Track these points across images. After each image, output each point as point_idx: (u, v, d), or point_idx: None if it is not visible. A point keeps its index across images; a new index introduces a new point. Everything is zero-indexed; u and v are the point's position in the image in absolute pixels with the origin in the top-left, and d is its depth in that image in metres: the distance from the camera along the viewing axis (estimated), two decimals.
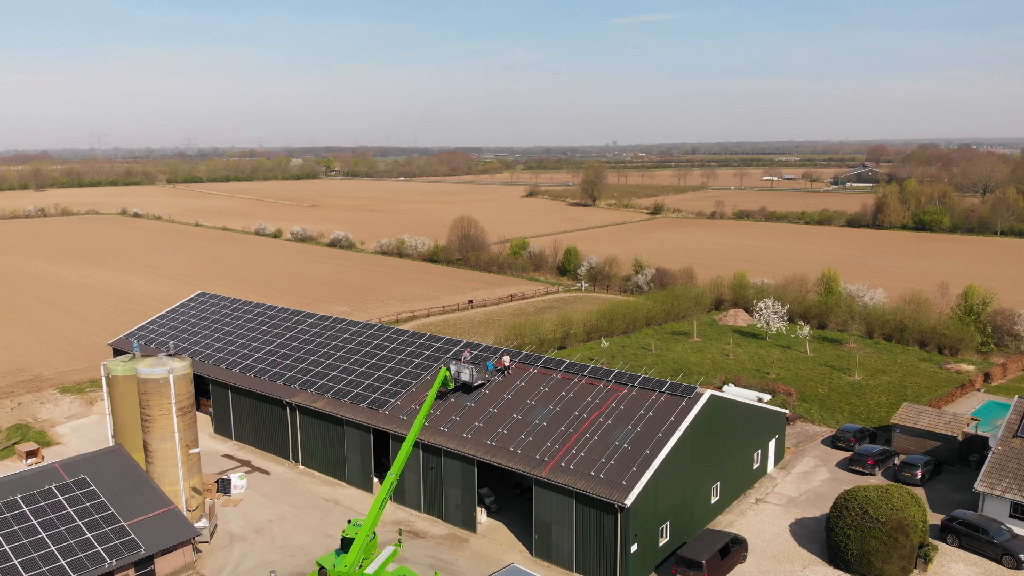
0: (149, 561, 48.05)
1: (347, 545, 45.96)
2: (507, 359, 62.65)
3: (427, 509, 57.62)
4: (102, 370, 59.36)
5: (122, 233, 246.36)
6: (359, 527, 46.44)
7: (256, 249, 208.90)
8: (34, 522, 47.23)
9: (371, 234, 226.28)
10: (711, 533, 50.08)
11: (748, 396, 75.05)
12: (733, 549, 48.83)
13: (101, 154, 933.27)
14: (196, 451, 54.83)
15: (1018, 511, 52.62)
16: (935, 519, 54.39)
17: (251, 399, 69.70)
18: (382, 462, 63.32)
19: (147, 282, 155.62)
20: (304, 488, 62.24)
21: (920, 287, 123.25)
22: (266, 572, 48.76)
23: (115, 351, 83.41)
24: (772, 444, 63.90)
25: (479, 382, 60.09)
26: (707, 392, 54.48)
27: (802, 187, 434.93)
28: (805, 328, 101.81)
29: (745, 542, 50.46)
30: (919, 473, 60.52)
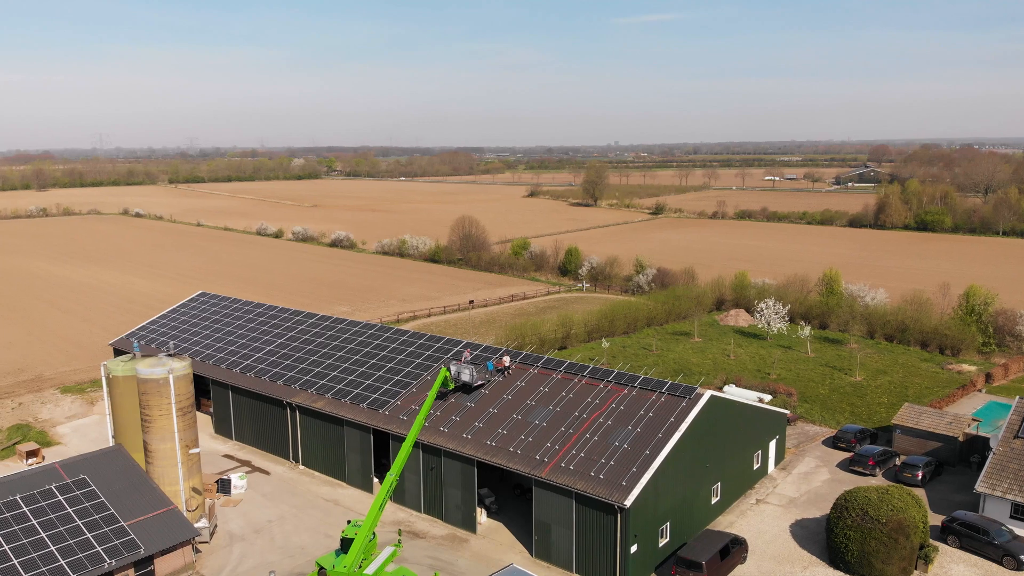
0: (149, 561, 48.08)
1: (347, 545, 45.94)
2: (507, 359, 62.63)
3: (427, 509, 57.61)
4: (102, 370, 59.41)
5: (124, 233, 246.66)
6: (359, 527, 46.45)
7: (257, 249, 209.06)
8: (34, 522, 47.25)
9: (372, 234, 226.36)
10: (711, 534, 50.03)
11: (749, 396, 74.99)
12: (733, 550, 48.79)
13: (103, 154, 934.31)
14: (196, 451, 54.86)
15: (1019, 512, 52.51)
16: (936, 520, 54.31)
17: (251, 399, 69.73)
18: (382, 462, 63.30)
19: (148, 282, 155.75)
20: (304, 488, 62.25)
21: (922, 287, 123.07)
22: (266, 572, 48.76)
23: (116, 351, 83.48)
24: (773, 445, 63.84)
25: (479, 382, 60.07)
26: (707, 393, 54.43)
27: (804, 187, 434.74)
28: (806, 328, 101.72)
29: (745, 543, 50.41)
30: (920, 474, 60.42)
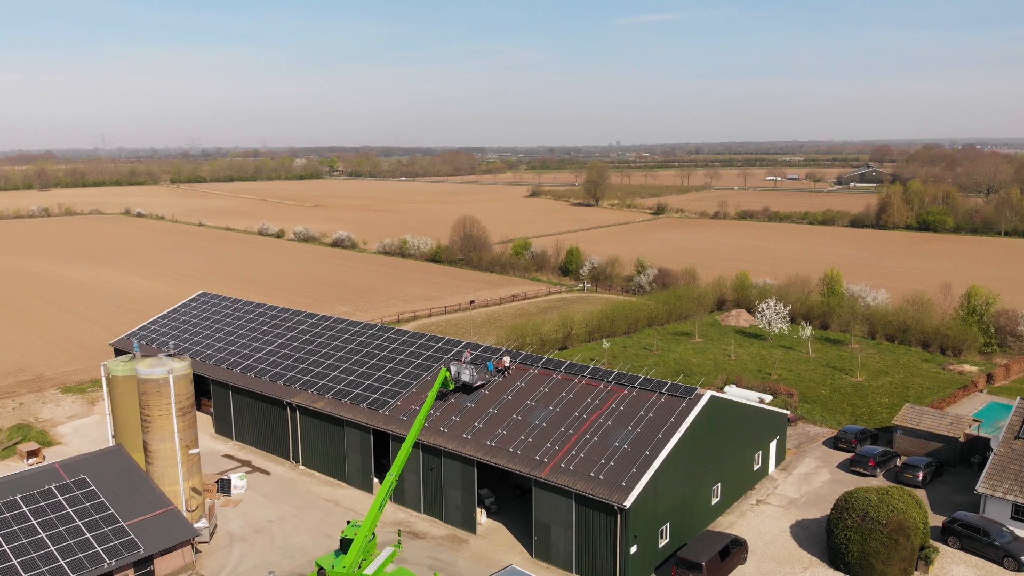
0: (148, 561, 48.08)
1: (346, 546, 45.90)
2: (507, 359, 62.60)
3: (427, 510, 57.59)
4: (102, 370, 59.45)
5: (125, 233, 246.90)
6: (358, 528, 46.42)
7: (259, 249, 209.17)
8: (33, 522, 47.27)
9: (374, 234, 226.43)
10: (711, 534, 49.98)
11: (750, 397, 74.90)
12: (733, 551, 48.72)
13: (105, 154, 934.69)
14: (196, 451, 54.87)
15: (1020, 513, 52.40)
16: (936, 521, 54.23)
17: (252, 399, 69.74)
18: (382, 462, 63.28)
19: (150, 282, 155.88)
20: (304, 488, 62.25)
21: (923, 288, 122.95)
22: (265, 572, 48.75)
23: (116, 351, 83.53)
24: (773, 445, 63.75)
25: (479, 383, 60.04)
26: (707, 393, 54.36)
27: (806, 187, 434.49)
28: (807, 329, 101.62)
29: (745, 544, 50.34)
30: (920, 475, 60.32)
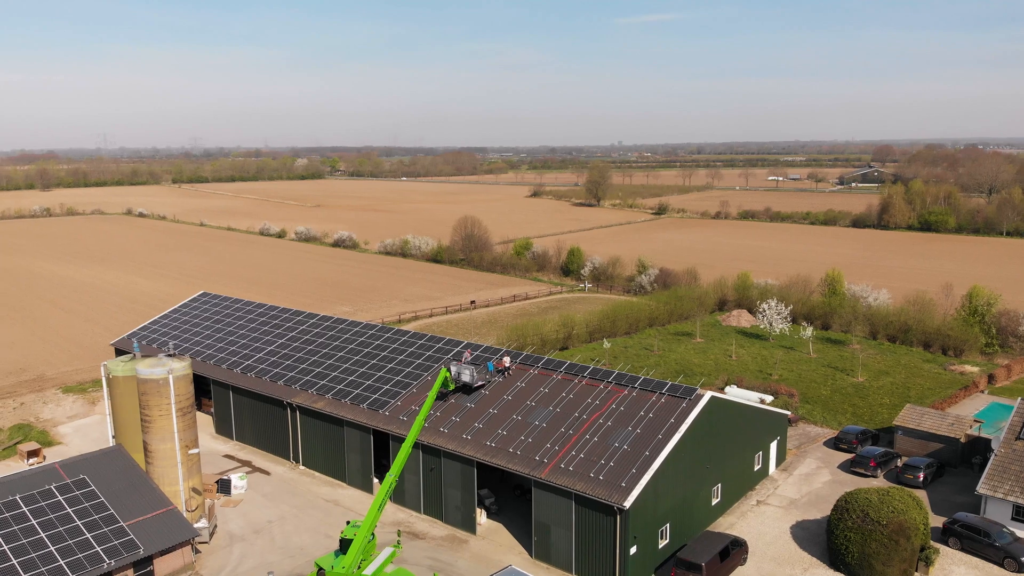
0: (148, 561, 48.08)
1: (346, 546, 45.85)
2: (507, 360, 62.57)
3: (427, 510, 57.57)
4: (102, 370, 59.47)
5: (127, 233, 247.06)
6: (358, 528, 46.39)
7: (260, 249, 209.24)
8: (33, 522, 47.28)
9: (375, 234, 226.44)
10: (711, 535, 49.92)
11: (750, 397, 74.82)
12: (733, 551, 48.66)
13: (107, 154, 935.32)
14: (196, 451, 54.87)
15: (1020, 514, 52.30)
16: (937, 522, 54.15)
17: (252, 399, 69.75)
18: (382, 463, 63.26)
19: (151, 282, 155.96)
20: (304, 489, 62.24)
21: (925, 288, 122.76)
22: (265, 573, 48.74)
23: (117, 351, 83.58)
24: (774, 446, 63.67)
25: (479, 383, 60.02)
26: (708, 393, 54.29)
27: (807, 187, 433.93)
28: (808, 329, 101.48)
29: (745, 544, 50.28)
30: (921, 475, 60.23)
